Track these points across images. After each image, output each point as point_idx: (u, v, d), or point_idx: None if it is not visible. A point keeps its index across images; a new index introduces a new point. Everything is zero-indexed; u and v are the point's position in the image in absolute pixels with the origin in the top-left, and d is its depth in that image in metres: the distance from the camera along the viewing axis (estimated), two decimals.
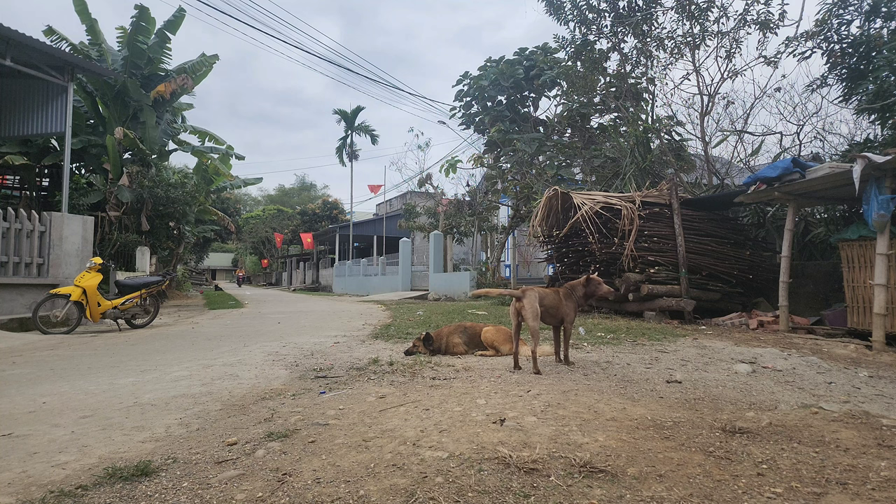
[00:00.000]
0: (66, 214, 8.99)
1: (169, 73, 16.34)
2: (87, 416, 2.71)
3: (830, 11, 8.04)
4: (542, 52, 14.92)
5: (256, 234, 46.71)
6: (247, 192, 60.42)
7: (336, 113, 32.39)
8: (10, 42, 8.51)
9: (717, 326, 6.85)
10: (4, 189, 15.78)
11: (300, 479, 1.84)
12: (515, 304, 3.92)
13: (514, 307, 3.94)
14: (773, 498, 1.72)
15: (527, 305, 3.83)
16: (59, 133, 10.53)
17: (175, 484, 1.82)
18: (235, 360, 4.40)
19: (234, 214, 35.16)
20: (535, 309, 3.83)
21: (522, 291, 3.93)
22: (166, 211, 15.51)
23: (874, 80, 7.27)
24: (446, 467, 1.93)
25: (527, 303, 3.83)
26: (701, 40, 10.07)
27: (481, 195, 18.69)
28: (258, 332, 6.79)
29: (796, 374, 3.87)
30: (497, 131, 14.75)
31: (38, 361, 4.67)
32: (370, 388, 3.30)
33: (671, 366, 4.09)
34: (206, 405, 2.92)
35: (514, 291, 4.03)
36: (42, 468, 1.98)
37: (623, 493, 1.72)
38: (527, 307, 3.82)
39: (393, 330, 6.55)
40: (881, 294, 5.21)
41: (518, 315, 3.92)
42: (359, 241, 33.73)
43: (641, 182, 9.56)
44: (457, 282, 16.16)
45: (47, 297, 7.29)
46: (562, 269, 9.34)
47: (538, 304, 3.87)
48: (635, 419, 2.57)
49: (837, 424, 2.55)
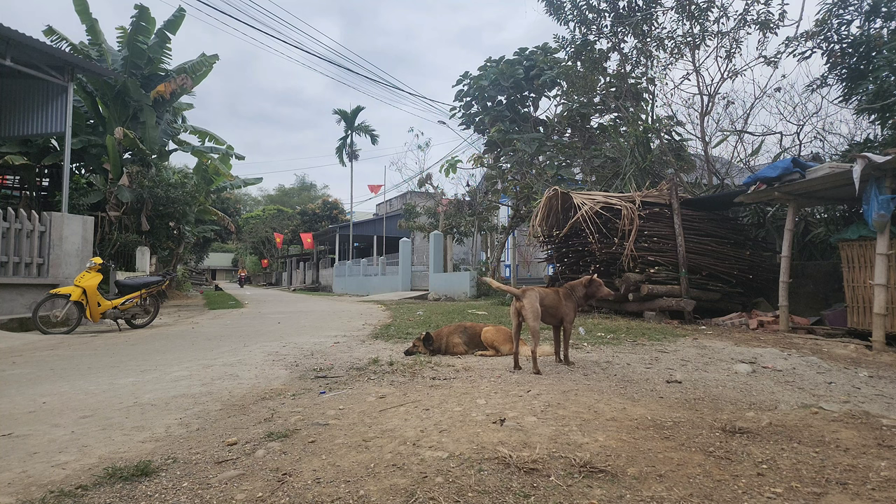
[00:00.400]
0: (66, 214, 8.99)
1: (169, 73, 16.33)
2: (87, 416, 2.71)
3: (830, 11, 8.04)
4: (542, 52, 14.91)
5: (256, 234, 46.71)
6: (247, 192, 60.50)
7: (336, 113, 32.40)
8: (11, 42, 8.52)
9: (717, 326, 6.85)
10: (4, 189, 15.78)
11: (300, 479, 1.84)
12: (516, 304, 3.93)
13: (515, 307, 3.94)
14: (773, 498, 1.72)
15: (527, 305, 3.83)
16: (59, 133, 10.53)
17: (175, 484, 1.82)
18: (235, 360, 4.40)
19: (234, 214, 35.15)
20: (536, 309, 3.84)
21: (523, 291, 3.94)
22: (166, 211, 15.50)
23: (874, 80, 7.27)
24: (446, 467, 1.93)
25: (527, 303, 3.84)
26: (701, 40, 10.07)
27: (481, 195, 18.68)
28: (258, 332, 6.79)
29: (796, 374, 3.87)
30: (497, 131, 14.75)
31: (38, 361, 4.67)
32: (370, 388, 3.30)
33: (671, 366, 4.09)
34: (206, 405, 2.92)
35: (514, 290, 4.04)
36: (42, 468, 1.98)
37: (623, 493, 1.72)
38: (527, 307, 3.83)
39: (393, 330, 6.55)
40: (881, 294, 5.21)
41: (518, 315, 3.93)
42: (359, 241, 33.73)
43: (641, 182, 9.56)
44: (457, 282, 16.16)
45: (47, 297, 7.29)
46: (562, 269, 9.34)
47: (539, 304, 3.88)
48: (635, 419, 2.57)
49: (837, 424, 2.55)
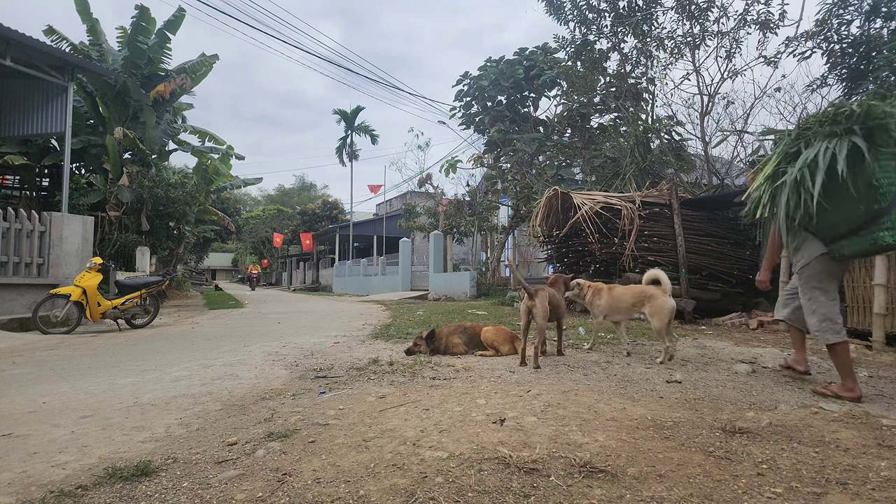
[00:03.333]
0: (66, 214, 8.99)
1: (169, 73, 16.33)
2: (87, 416, 2.71)
3: (830, 11, 8.04)
4: (542, 52, 14.90)
5: (256, 234, 46.70)
6: (247, 192, 60.42)
7: (336, 113, 32.36)
8: (11, 42, 8.51)
9: (717, 326, 6.85)
10: (4, 189, 15.78)
11: (300, 479, 1.84)
12: (527, 303, 4.09)
13: (527, 305, 4.10)
14: (773, 498, 1.72)
15: (538, 305, 4.03)
16: (59, 133, 10.52)
17: (175, 484, 1.82)
18: (235, 360, 4.40)
19: (234, 214, 35.12)
20: (546, 309, 4.07)
21: (536, 291, 4.10)
22: (166, 211, 15.50)
23: (874, 80, 7.27)
24: (446, 467, 1.93)
25: (538, 303, 4.04)
26: (701, 40, 10.07)
27: (481, 195, 18.67)
28: (258, 332, 6.79)
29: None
30: (497, 131, 14.74)
31: (38, 361, 4.67)
32: (370, 388, 3.30)
33: (671, 366, 4.09)
34: (206, 405, 2.92)
35: (530, 289, 4.14)
36: (42, 468, 1.98)
37: (623, 493, 1.72)
38: (538, 307, 4.03)
39: (393, 330, 6.55)
40: (881, 294, 5.21)
41: (529, 313, 4.10)
42: (359, 241, 33.71)
43: (641, 182, 9.55)
44: (457, 282, 16.16)
45: (47, 297, 7.29)
46: (562, 269, 9.34)
47: (547, 303, 4.10)
48: (635, 419, 2.57)
49: (837, 424, 2.55)
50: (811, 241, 3.37)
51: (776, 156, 3.46)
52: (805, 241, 3.40)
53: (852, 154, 3.07)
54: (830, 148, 3.12)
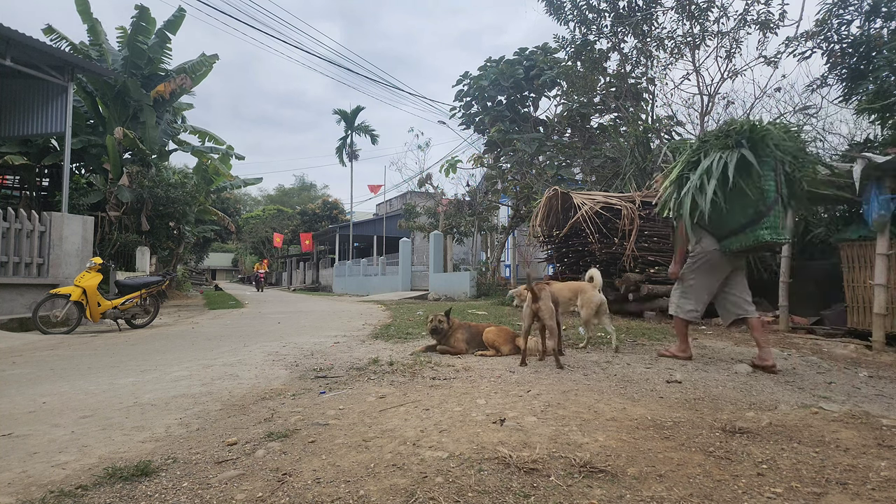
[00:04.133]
0: (66, 214, 8.99)
1: (169, 73, 16.33)
2: (87, 416, 2.71)
3: (830, 11, 8.04)
4: (542, 52, 14.90)
5: (256, 234, 46.70)
6: (247, 192, 60.43)
7: (336, 113, 32.36)
8: (10, 42, 8.51)
9: (717, 326, 6.84)
10: (4, 189, 15.78)
11: (300, 479, 1.84)
12: (532, 306, 4.05)
13: (531, 308, 4.06)
14: (773, 498, 1.72)
15: (543, 307, 4.01)
16: (59, 133, 10.52)
17: (175, 484, 1.82)
18: (235, 360, 4.40)
19: (234, 214, 35.12)
20: (551, 308, 4.05)
21: (539, 291, 4.08)
22: (166, 211, 15.50)
23: (874, 80, 7.27)
24: (446, 467, 1.93)
25: (543, 304, 4.02)
26: (701, 40, 10.08)
27: (481, 195, 18.66)
28: (258, 332, 6.79)
29: (796, 374, 3.88)
30: (497, 131, 14.74)
31: (38, 361, 4.67)
32: (370, 388, 3.29)
33: (671, 366, 4.09)
34: (206, 405, 2.92)
35: (534, 290, 4.11)
36: (42, 468, 1.98)
37: (623, 493, 1.72)
38: (543, 308, 4.01)
39: (393, 330, 6.55)
40: (881, 294, 5.21)
41: (534, 315, 4.07)
42: (359, 241, 33.71)
43: (641, 182, 9.55)
44: (457, 282, 16.15)
45: (47, 297, 7.29)
46: (562, 269, 9.33)
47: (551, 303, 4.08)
48: (635, 419, 2.57)
49: (837, 424, 2.55)
50: (706, 238, 4.04)
51: (680, 163, 4.08)
52: (702, 237, 4.05)
53: (741, 163, 3.64)
54: (723, 158, 3.72)
